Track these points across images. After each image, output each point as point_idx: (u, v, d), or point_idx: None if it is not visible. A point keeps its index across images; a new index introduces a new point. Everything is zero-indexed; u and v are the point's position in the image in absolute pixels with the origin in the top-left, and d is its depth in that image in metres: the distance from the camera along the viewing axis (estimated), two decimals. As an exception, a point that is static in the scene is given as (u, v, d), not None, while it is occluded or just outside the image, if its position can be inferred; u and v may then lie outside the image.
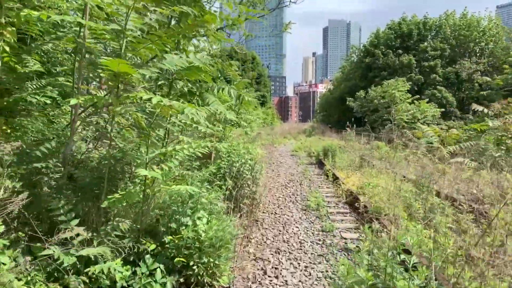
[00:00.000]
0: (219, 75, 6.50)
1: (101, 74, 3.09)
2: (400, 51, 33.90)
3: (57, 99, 4.65)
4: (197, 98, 4.88)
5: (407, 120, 17.72)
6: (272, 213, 6.52)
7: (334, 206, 7.02)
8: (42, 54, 5.77)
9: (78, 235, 2.97)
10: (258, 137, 23.25)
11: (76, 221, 3.05)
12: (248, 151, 6.53)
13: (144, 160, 3.27)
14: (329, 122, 47.07)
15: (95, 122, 4.68)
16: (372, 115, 31.26)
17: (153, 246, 3.23)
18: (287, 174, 11.00)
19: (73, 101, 2.80)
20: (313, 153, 16.07)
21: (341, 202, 7.34)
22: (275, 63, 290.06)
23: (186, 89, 4.04)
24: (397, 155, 14.34)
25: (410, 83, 27.78)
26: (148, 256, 3.22)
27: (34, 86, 4.55)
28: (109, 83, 3.11)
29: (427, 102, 22.64)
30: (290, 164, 13.77)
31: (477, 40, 32.38)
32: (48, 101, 4.20)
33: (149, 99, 2.86)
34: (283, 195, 8.05)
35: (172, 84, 3.67)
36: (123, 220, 3.16)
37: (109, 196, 3.13)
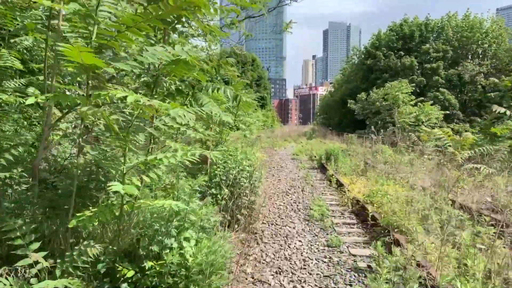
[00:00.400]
0: (216, 74, 6.00)
1: (69, 68, 2.58)
2: (401, 52, 33.46)
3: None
4: (190, 99, 4.39)
5: (410, 123, 17.22)
6: (272, 224, 5.99)
7: (339, 216, 6.49)
8: (25, 51, 5.29)
9: (37, 262, 2.47)
10: (258, 140, 22.76)
11: (37, 244, 2.54)
12: (246, 156, 6.01)
13: (121, 170, 2.76)
14: (330, 124, 46.58)
15: (73, 126, 4.18)
16: (374, 118, 30.75)
17: (131, 273, 2.70)
18: (288, 180, 10.48)
19: (29, 100, 2.30)
20: (315, 156, 15.56)
21: (347, 211, 6.81)
22: (275, 65, 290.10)
23: (173, 87, 3.52)
24: (403, 159, 13.84)
25: (414, 85, 27.31)
26: (125, 285, 2.71)
27: (13, 85, 4.09)
28: (79, 78, 2.60)
29: (430, 105, 22.21)
30: (291, 168, 13.25)
31: (479, 42, 31.96)
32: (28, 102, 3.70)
33: (124, 98, 2.36)
34: (284, 203, 7.52)
35: (156, 81, 3.17)
36: (92, 244, 2.63)
37: (78, 214, 2.62)
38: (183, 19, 3.44)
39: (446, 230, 3.91)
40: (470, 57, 33.41)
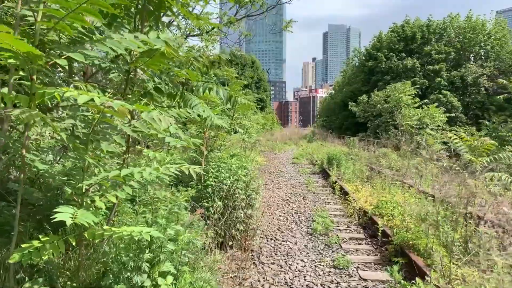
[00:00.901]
0: (207, 72, 5.42)
1: (10, 60, 2.01)
2: (403, 54, 32.98)
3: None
4: (179, 101, 3.82)
5: (414, 126, 16.66)
6: (271, 239, 5.41)
7: (345, 230, 5.89)
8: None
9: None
10: (258, 143, 22.20)
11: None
12: (242, 165, 5.44)
13: (79, 188, 2.19)
14: (331, 127, 46.04)
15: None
16: (375, 120, 30.24)
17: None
18: (288, 186, 9.90)
19: None
20: (316, 161, 14.99)
21: (353, 223, 6.22)
22: (275, 68, 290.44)
23: (150, 85, 2.95)
24: (409, 164, 13.27)
25: (417, 86, 26.77)
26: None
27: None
28: (22, 73, 2.03)
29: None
30: (291, 173, 12.68)
31: (482, 44, 31.50)
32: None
33: (75, 98, 1.78)
34: (284, 213, 6.94)
35: (128, 77, 2.59)
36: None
37: (24, 245, 2.05)
38: (166, 5, 2.88)
39: (482, 255, 3.31)
40: (472, 59, 32.95)
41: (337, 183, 8.60)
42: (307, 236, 5.53)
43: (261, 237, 5.44)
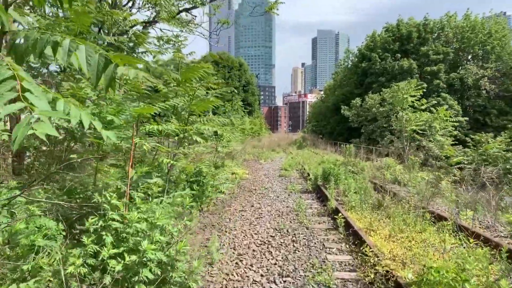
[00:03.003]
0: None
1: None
2: (398, 55, 30.93)
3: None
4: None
5: (420, 131, 14.31)
6: None
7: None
8: None
9: None
10: (242, 152, 19.54)
11: None
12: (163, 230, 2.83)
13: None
14: (321, 132, 43.71)
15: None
16: (370, 125, 27.99)
17: None
18: (272, 214, 7.27)
19: None
20: (308, 174, 12.43)
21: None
22: (265, 73, 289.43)
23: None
24: (420, 179, 10.83)
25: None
26: None
27: None
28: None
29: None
30: (278, 191, 10.07)
31: (481, 44, 29.66)
32: None
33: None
34: (262, 274, 4.30)
35: None
36: None
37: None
38: None
39: None
40: (472, 60, 31.09)
41: (340, 215, 6.00)
42: None
43: None
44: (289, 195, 9.50)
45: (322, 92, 53.35)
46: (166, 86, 5.15)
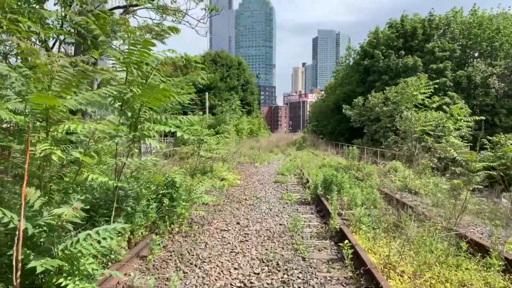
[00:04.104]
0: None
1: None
2: (402, 52, 29.50)
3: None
4: None
5: (432, 132, 12.92)
6: None
7: None
8: None
9: None
10: (236, 155, 18.15)
11: None
12: None
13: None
14: (322, 133, 42.29)
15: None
16: (373, 125, 26.57)
17: None
18: (261, 235, 5.89)
19: None
20: (307, 180, 11.04)
21: None
22: (265, 73, 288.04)
23: None
24: (438, 187, 9.46)
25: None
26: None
27: None
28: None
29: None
30: (272, 202, 8.70)
31: (489, 40, 28.22)
32: None
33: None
34: None
35: None
36: None
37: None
38: None
39: None
40: (479, 57, 29.65)
41: (346, 242, 4.61)
42: None
43: None
44: (284, 207, 8.12)
45: (323, 92, 51.90)
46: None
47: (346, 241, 4.59)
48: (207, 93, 35.99)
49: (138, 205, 5.05)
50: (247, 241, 5.56)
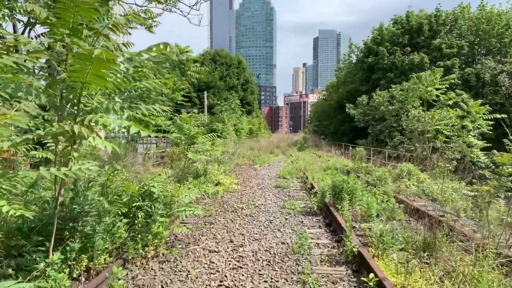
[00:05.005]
0: None
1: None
2: (408, 48, 28.35)
3: None
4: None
5: (448, 132, 11.77)
6: None
7: None
8: None
9: None
10: (234, 155, 17.00)
11: None
12: None
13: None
14: (323, 133, 41.03)
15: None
16: (378, 125, 25.39)
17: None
18: (259, 259, 4.74)
19: None
20: (312, 186, 9.88)
21: None
22: (266, 73, 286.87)
23: None
24: (450, 190, 8.34)
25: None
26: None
27: None
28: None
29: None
30: (272, 212, 7.55)
31: (498, 37, 27.06)
32: None
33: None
34: None
35: None
36: None
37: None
38: None
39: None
40: (487, 54, 28.48)
41: (371, 277, 3.45)
42: None
43: None
44: (286, 218, 6.96)
45: (324, 91, 50.67)
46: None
47: (372, 274, 3.43)
48: (205, 92, 34.91)
49: (100, 224, 3.90)
50: (241, 267, 4.40)
